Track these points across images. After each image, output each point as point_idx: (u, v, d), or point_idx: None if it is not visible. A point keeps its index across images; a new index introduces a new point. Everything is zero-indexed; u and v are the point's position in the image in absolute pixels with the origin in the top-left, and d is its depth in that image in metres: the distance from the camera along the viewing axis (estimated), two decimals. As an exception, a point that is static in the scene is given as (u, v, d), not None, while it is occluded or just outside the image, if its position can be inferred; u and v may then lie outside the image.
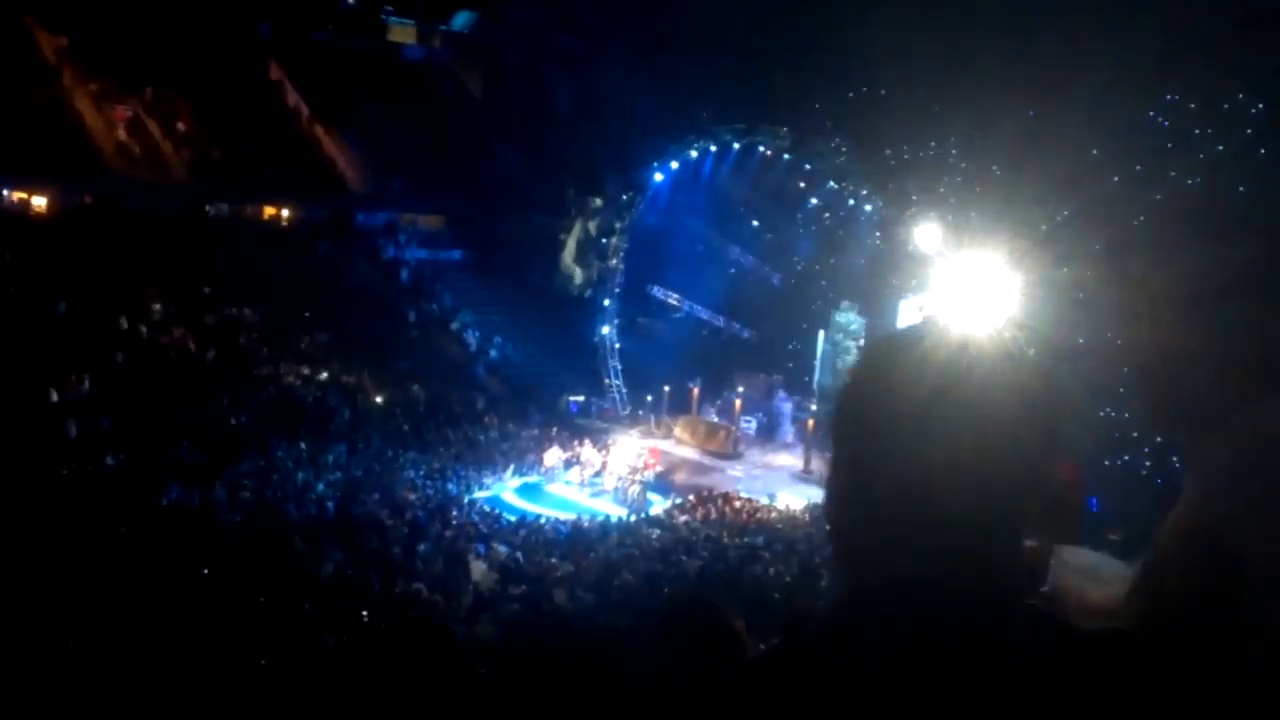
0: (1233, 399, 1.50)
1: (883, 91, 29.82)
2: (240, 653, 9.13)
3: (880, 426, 1.20)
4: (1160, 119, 26.97)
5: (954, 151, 28.98)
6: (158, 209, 31.12)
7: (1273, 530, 1.39)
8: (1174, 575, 1.50)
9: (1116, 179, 26.49)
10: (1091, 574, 3.23)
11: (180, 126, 34.60)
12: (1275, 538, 1.38)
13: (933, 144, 30.10)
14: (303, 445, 23.68)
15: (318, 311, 30.17)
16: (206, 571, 13.72)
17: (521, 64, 40.46)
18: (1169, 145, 26.28)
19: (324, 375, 27.77)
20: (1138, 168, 26.02)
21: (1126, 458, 21.69)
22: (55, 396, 21.84)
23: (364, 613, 12.37)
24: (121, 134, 33.28)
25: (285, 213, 35.63)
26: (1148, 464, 21.70)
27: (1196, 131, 26.77)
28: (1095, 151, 27.42)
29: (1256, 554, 1.38)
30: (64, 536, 13.85)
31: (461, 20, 43.60)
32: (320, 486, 21.33)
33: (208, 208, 33.50)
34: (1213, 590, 1.41)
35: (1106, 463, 20.62)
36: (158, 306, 27.11)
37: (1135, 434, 20.90)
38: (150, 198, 31.69)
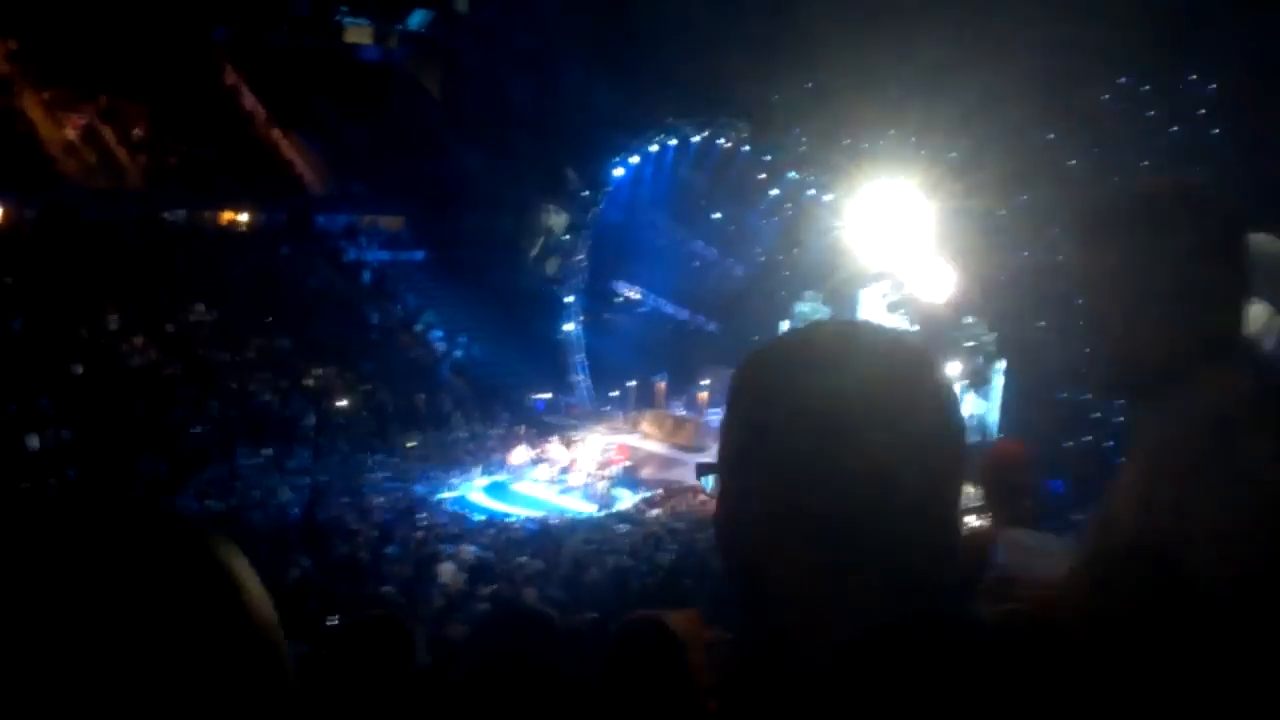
0: (1182, 366, 1.52)
1: (840, 82, 29.95)
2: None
3: (769, 444, 1.16)
4: (1114, 101, 27.25)
5: (913, 139, 29.14)
6: (114, 217, 30.77)
7: (1212, 494, 1.41)
8: (1116, 538, 1.51)
9: (1074, 162, 26.81)
10: (1036, 551, 3.27)
11: (136, 133, 34.25)
12: (1215, 501, 1.40)
13: (891, 131, 30.26)
14: (267, 451, 23.52)
15: (279, 316, 29.96)
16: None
17: (480, 62, 40.32)
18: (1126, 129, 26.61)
19: (286, 380, 27.59)
20: (1095, 150, 26.33)
21: (1089, 439, 21.90)
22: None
23: (333, 618, 12.32)
24: (75, 142, 32.91)
25: (244, 217, 35.32)
26: (1109, 444, 21.93)
27: (1151, 113, 27.11)
28: (1051, 136, 27.74)
29: (1197, 521, 1.40)
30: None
31: (417, 19, 43.36)
32: (285, 492, 21.21)
33: (165, 214, 33.16)
34: (1153, 554, 1.43)
35: (1067, 445, 20.76)
36: (116, 315, 26.83)
37: (1096, 415, 21.09)
38: (106, 205, 31.33)
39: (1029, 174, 25.94)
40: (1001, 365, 26.43)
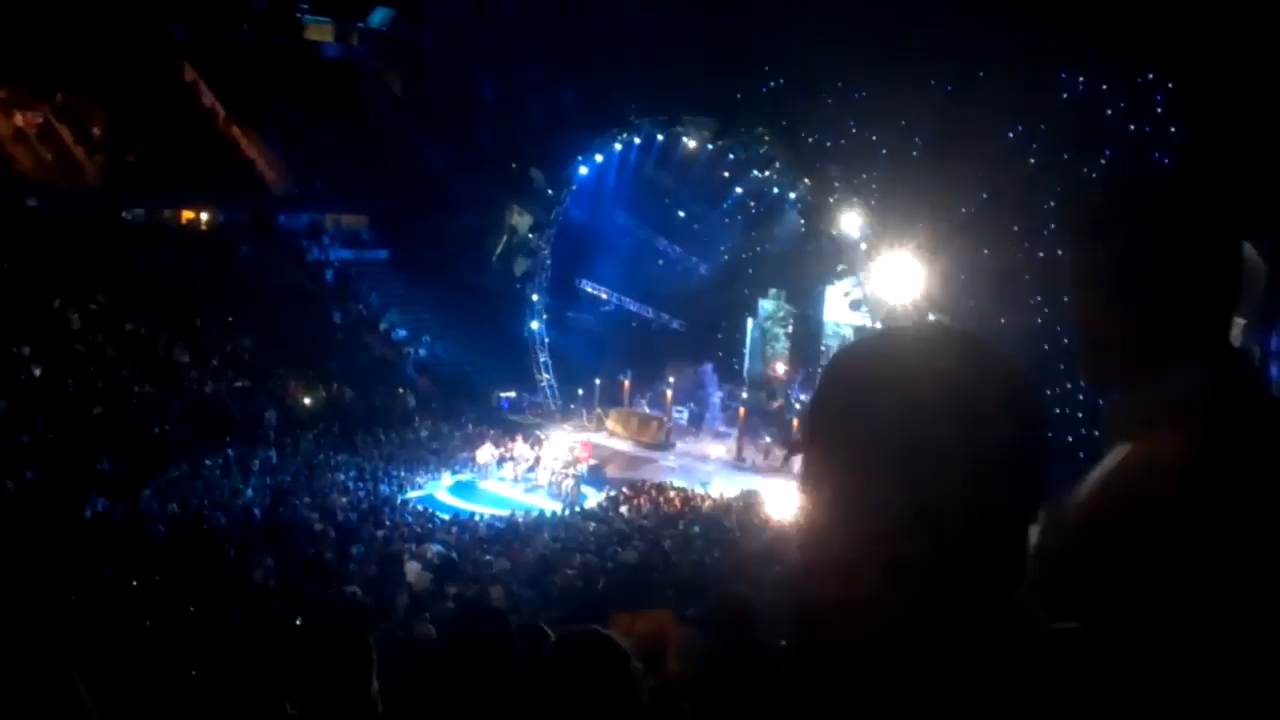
0: (1152, 360, 1.55)
1: (803, 80, 30.12)
2: (170, 663, 8.97)
3: (869, 443, 1.14)
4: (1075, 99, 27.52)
5: (873, 137, 29.32)
6: (72, 215, 30.41)
7: (1177, 487, 1.43)
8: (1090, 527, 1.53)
9: (1033, 161, 27.06)
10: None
11: (94, 131, 33.91)
12: (1179, 494, 1.42)
13: (853, 126, 30.43)
14: (229, 451, 23.32)
15: (241, 315, 29.72)
16: (135, 583, 13.47)
17: (442, 60, 40.19)
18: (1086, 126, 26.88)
19: (249, 380, 27.38)
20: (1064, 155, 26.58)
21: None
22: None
23: (297, 619, 12.23)
24: (32, 140, 32.52)
25: (204, 216, 35.05)
26: (1068, 439, 22.13)
27: (1109, 112, 27.39)
28: (1012, 135, 27.97)
29: (1163, 507, 1.42)
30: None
31: (379, 17, 43.17)
32: (249, 493, 21.04)
33: (124, 213, 32.82)
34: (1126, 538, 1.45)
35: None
36: (75, 315, 26.53)
37: (1059, 410, 21.29)
38: (65, 204, 30.98)
39: (991, 172, 26.17)
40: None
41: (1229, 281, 1.57)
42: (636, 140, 33.00)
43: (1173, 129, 25.98)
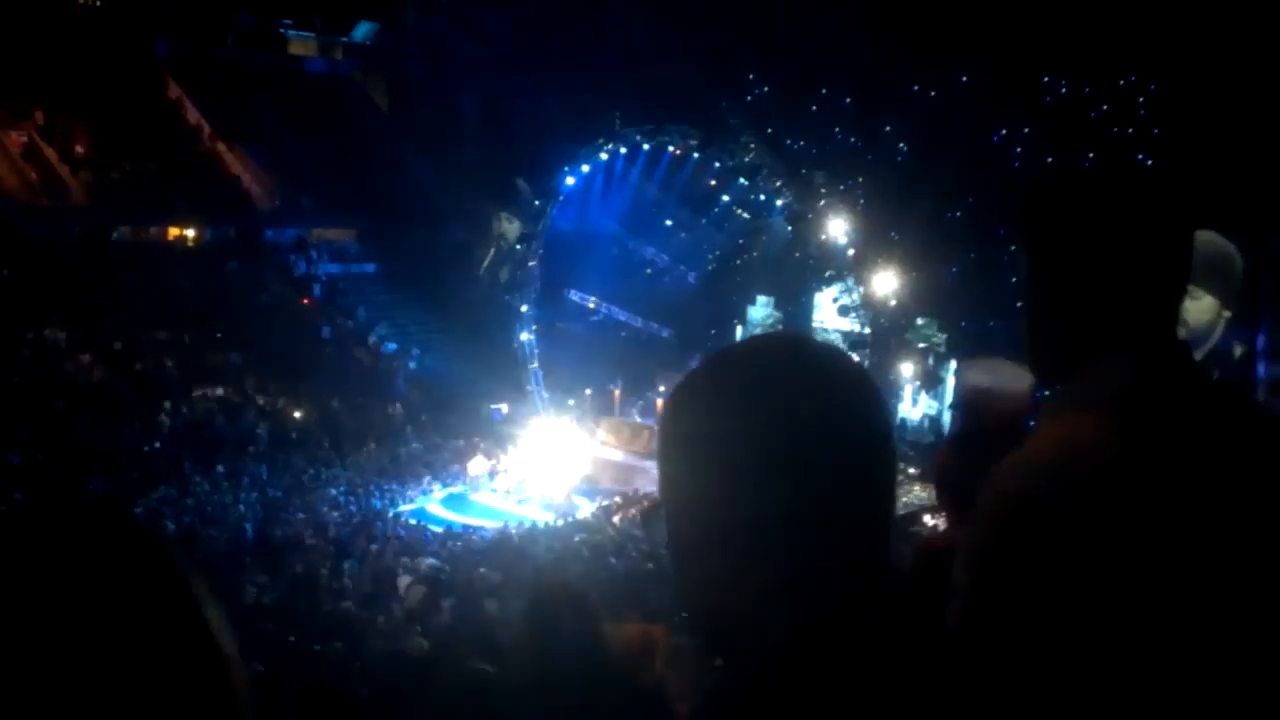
0: (1077, 356, 1.57)
1: (788, 88, 30.20)
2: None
3: (716, 456, 1.16)
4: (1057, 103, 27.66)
5: (855, 140, 29.37)
6: (58, 234, 30.34)
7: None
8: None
9: (1018, 164, 27.16)
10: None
11: (78, 150, 33.83)
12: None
13: (838, 133, 30.50)
14: (220, 468, 23.25)
15: (229, 331, 29.66)
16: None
17: (426, 73, 40.20)
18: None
19: (238, 396, 27.31)
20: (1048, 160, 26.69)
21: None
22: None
23: (290, 636, 12.20)
24: (16, 159, 32.43)
25: (190, 233, 34.97)
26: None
27: (1091, 115, 27.53)
28: (997, 140, 28.09)
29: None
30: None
31: (362, 31, 43.18)
32: (240, 509, 20.97)
33: (110, 231, 32.76)
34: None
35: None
36: (62, 334, 26.44)
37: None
38: (50, 223, 30.90)
39: (977, 176, 26.27)
40: (953, 365, 26.69)
41: (1172, 275, 1.59)
42: (622, 150, 33.01)
43: (1155, 130, 26.13)
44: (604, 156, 32.91)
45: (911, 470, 19.56)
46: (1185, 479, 1.43)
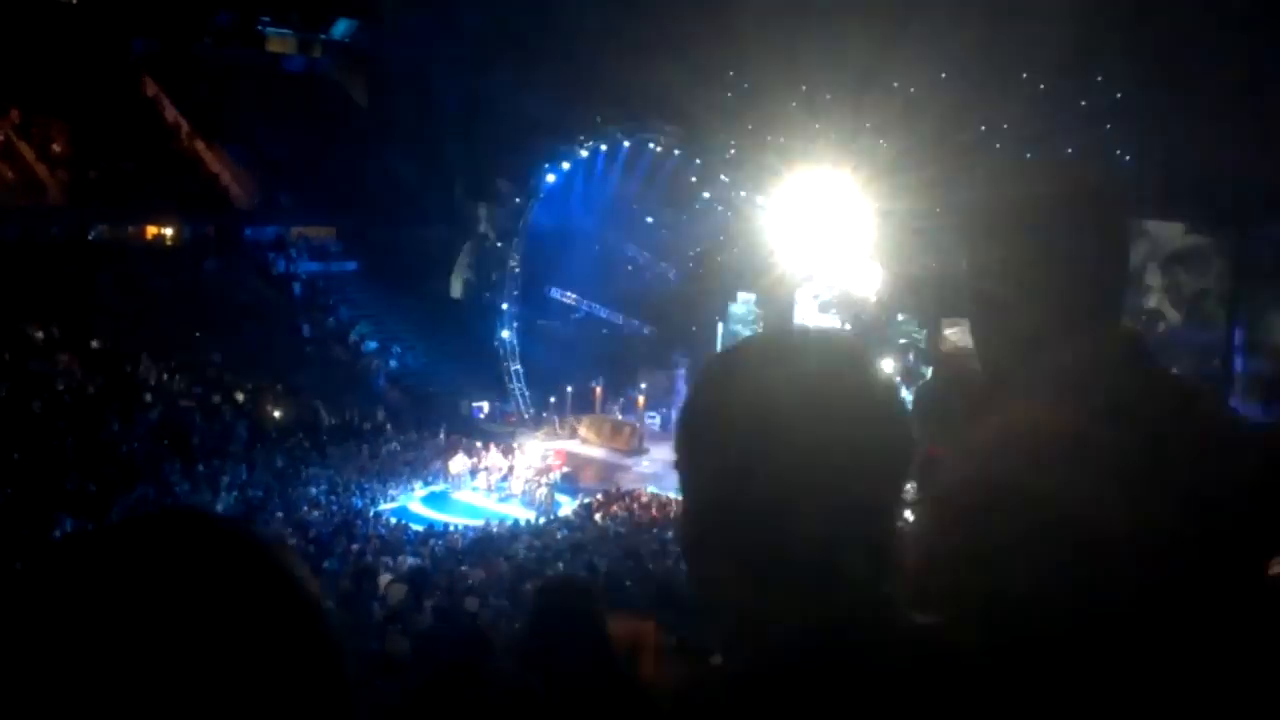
0: (1060, 325, 1.59)
1: (768, 85, 30.22)
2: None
3: (729, 444, 1.17)
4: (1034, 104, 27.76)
5: (839, 141, 29.41)
6: (35, 233, 30.14)
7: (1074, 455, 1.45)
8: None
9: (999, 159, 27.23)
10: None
11: (55, 148, 33.60)
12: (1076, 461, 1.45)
13: (819, 132, 30.56)
14: (199, 467, 23.13)
15: (208, 330, 29.50)
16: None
17: (406, 70, 40.06)
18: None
19: (218, 395, 27.17)
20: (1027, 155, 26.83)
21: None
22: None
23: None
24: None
25: (169, 231, 34.78)
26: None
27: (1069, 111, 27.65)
28: (975, 137, 28.15)
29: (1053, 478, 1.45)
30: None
31: (341, 29, 43.00)
32: (219, 509, 20.86)
33: (87, 230, 32.55)
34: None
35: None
36: (39, 333, 26.26)
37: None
38: (27, 222, 30.68)
39: (955, 175, 26.33)
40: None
41: (1113, 267, 1.65)
42: (603, 147, 33.07)
43: (1128, 128, 26.29)
44: (585, 154, 32.96)
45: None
46: (1143, 458, 1.45)
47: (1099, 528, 1.40)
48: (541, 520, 23.16)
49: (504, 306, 33.24)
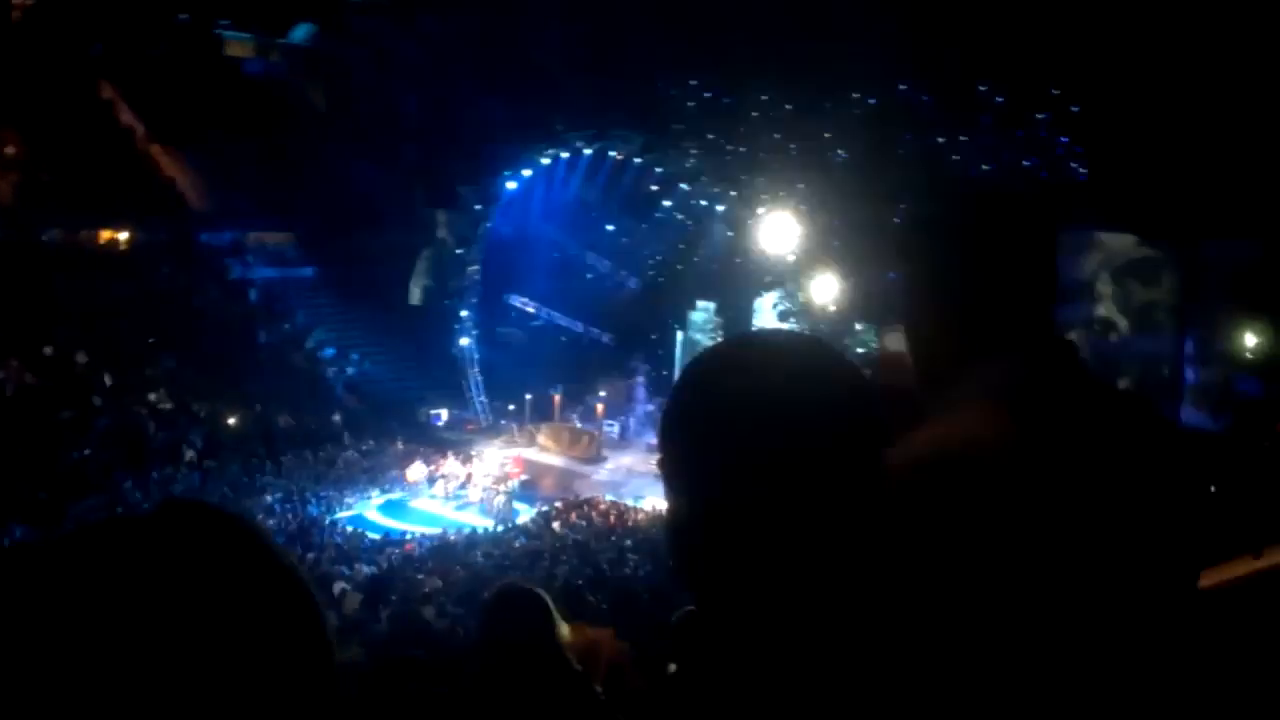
0: (995, 336, 1.64)
1: (730, 94, 30.34)
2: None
3: (714, 446, 1.21)
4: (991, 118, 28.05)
5: (792, 147, 29.55)
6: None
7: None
8: None
9: (958, 172, 27.48)
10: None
11: (8, 150, 33.11)
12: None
13: (778, 138, 30.71)
14: (153, 475, 22.89)
15: (162, 337, 29.17)
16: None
17: (366, 76, 39.84)
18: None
19: (172, 403, 26.88)
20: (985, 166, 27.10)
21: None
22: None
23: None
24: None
25: (123, 235, 34.35)
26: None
27: (1023, 132, 27.94)
28: (941, 139, 28.37)
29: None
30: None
31: (301, 33, 42.67)
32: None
33: (40, 234, 32.07)
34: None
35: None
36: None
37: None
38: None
39: (915, 184, 26.55)
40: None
41: (1042, 280, 1.69)
42: (564, 154, 33.07)
43: (1079, 149, 26.69)
44: (545, 161, 32.94)
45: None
46: (1072, 467, 1.49)
47: (1032, 539, 1.43)
48: (500, 528, 23.10)
49: (463, 314, 33.11)
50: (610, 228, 35.80)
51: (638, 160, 32.72)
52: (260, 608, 0.90)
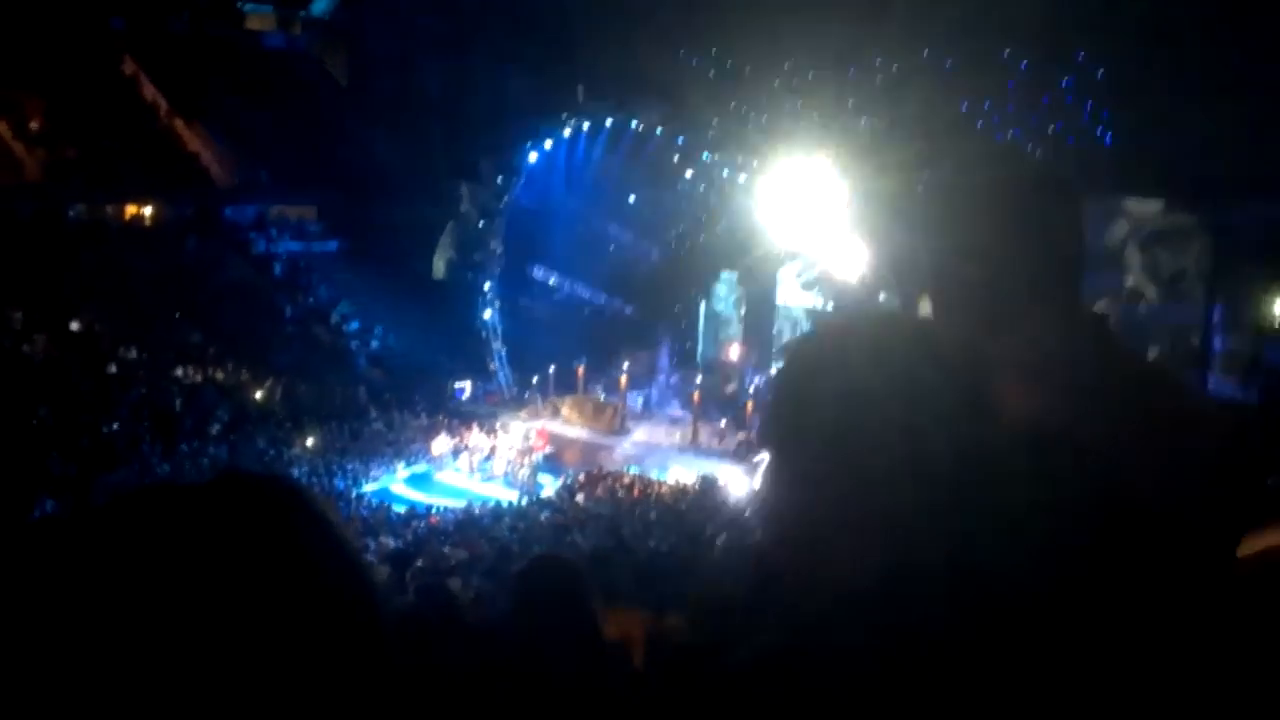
0: (1026, 303, 1.63)
1: (752, 63, 30.14)
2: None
3: (824, 430, 1.20)
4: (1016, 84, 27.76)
5: (814, 114, 29.33)
6: (12, 212, 29.85)
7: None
8: None
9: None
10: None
11: (33, 126, 33.26)
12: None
13: (802, 109, 30.49)
14: (181, 448, 23.07)
15: (188, 310, 29.34)
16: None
17: (387, 48, 39.79)
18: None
19: (198, 376, 27.06)
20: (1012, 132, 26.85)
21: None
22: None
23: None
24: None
25: (148, 211, 34.51)
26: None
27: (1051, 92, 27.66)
28: (965, 107, 28.13)
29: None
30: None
31: (321, 6, 42.65)
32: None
33: (66, 209, 32.24)
34: None
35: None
36: (17, 314, 26.08)
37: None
38: (4, 201, 30.38)
39: (937, 154, 26.32)
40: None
41: (1075, 247, 1.69)
42: (586, 126, 32.92)
43: (1106, 111, 26.36)
44: (567, 132, 32.82)
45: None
46: (1106, 439, 1.48)
47: (1061, 506, 1.41)
48: (524, 501, 23.18)
49: (486, 286, 33.12)
50: (632, 198, 35.68)
51: (659, 130, 32.54)
52: (319, 580, 0.91)
